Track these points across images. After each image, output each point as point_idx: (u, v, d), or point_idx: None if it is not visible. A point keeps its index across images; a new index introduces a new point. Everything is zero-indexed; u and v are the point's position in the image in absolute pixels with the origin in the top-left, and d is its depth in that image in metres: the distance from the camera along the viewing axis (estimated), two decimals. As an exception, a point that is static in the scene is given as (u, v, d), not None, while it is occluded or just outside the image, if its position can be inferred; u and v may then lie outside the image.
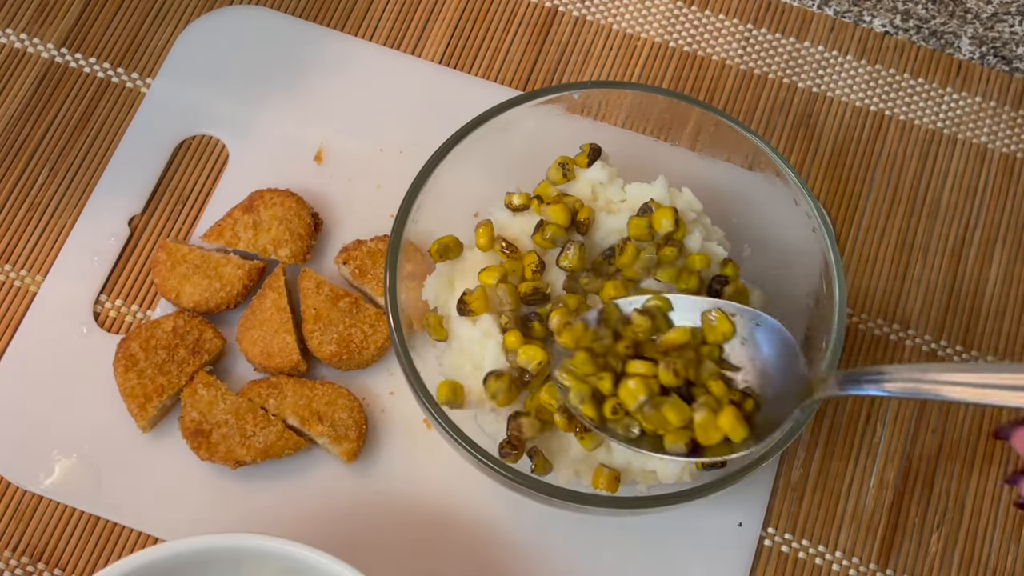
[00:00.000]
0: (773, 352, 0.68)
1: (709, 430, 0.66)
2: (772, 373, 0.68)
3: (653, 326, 0.69)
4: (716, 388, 0.67)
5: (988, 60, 0.91)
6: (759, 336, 0.68)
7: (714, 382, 0.67)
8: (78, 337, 0.80)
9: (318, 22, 0.89)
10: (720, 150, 0.78)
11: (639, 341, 0.69)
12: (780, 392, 0.67)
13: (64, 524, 0.76)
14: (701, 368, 0.68)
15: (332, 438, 0.76)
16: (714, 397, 0.67)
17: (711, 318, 0.69)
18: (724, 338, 0.68)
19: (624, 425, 0.67)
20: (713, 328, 0.68)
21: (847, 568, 0.78)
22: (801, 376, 0.67)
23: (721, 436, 0.66)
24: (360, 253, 0.80)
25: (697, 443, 0.66)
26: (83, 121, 0.86)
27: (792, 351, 0.68)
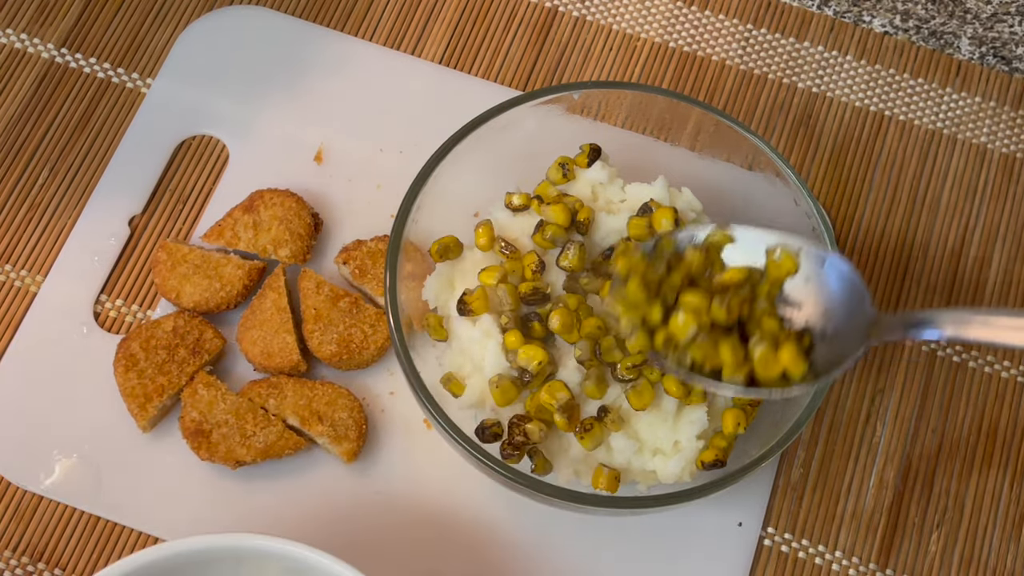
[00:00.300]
0: (837, 291, 0.67)
1: (768, 364, 0.65)
2: (835, 312, 0.67)
3: (707, 261, 0.68)
4: (769, 325, 0.66)
5: (988, 60, 0.91)
6: (824, 274, 0.67)
7: (768, 319, 0.66)
8: (78, 337, 0.80)
9: (318, 22, 0.89)
10: (720, 150, 0.78)
11: (693, 275, 0.68)
12: (842, 331, 0.66)
13: (64, 524, 0.76)
14: (755, 305, 0.67)
15: (332, 438, 0.76)
16: (769, 334, 0.66)
17: (775, 255, 0.68)
18: (787, 275, 0.67)
19: (676, 358, 0.66)
20: (777, 265, 0.67)
21: (847, 568, 0.78)
22: (866, 316, 0.66)
23: (780, 370, 0.65)
24: (360, 253, 0.80)
25: (754, 378, 0.66)
26: (83, 121, 0.86)
27: (858, 291, 0.67)
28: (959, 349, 0.83)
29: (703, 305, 0.66)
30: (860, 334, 0.65)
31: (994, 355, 0.83)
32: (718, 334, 0.66)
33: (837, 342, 0.66)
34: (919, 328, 0.64)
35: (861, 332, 0.65)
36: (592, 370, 0.70)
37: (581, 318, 0.71)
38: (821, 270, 0.67)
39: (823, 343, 0.66)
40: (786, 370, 0.65)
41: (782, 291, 0.67)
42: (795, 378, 0.65)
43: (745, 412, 0.71)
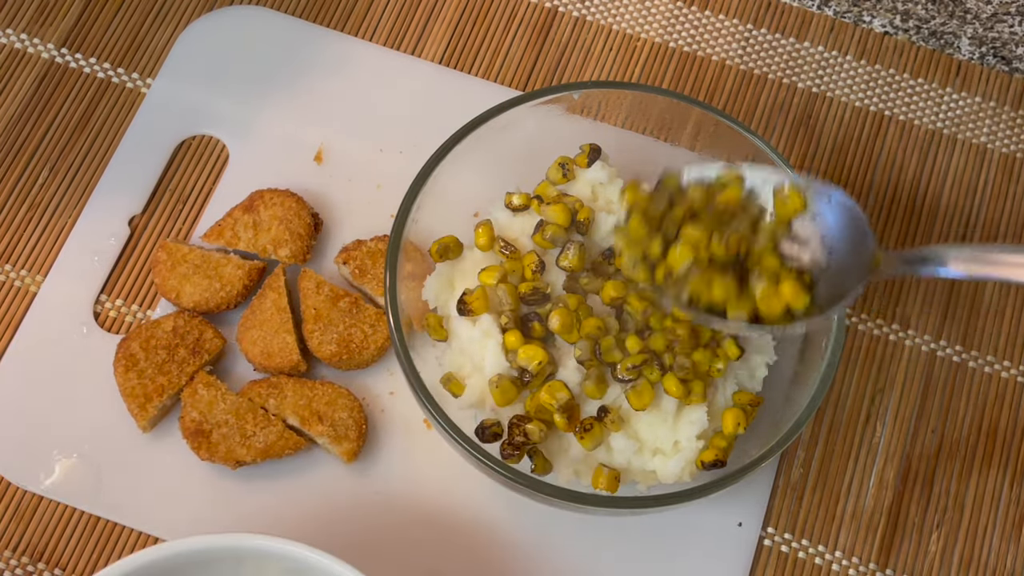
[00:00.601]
0: (841, 227, 0.67)
1: (770, 300, 0.66)
2: (839, 247, 0.67)
3: (708, 196, 0.68)
4: (769, 262, 0.67)
5: (988, 60, 0.91)
6: (829, 210, 0.68)
7: (768, 256, 0.67)
8: (78, 337, 0.80)
9: (318, 22, 0.89)
10: (720, 150, 0.78)
11: (695, 211, 0.68)
12: (845, 267, 0.67)
13: (64, 524, 0.76)
14: (756, 240, 0.67)
15: (332, 438, 0.76)
16: (768, 271, 0.66)
17: (783, 193, 0.68)
18: (795, 213, 0.68)
19: (675, 292, 0.67)
20: (784, 204, 0.68)
21: (847, 568, 0.78)
22: (869, 252, 0.66)
23: (783, 306, 0.66)
24: (360, 253, 0.80)
25: (759, 315, 0.66)
26: (83, 121, 0.86)
27: (861, 227, 0.67)
28: (959, 349, 0.83)
29: (702, 238, 0.67)
30: (862, 269, 0.66)
31: (994, 355, 0.83)
32: (716, 270, 0.67)
33: (840, 278, 0.67)
34: (921, 264, 0.64)
35: (863, 267, 0.66)
36: (592, 370, 0.70)
37: (581, 318, 0.71)
38: (826, 205, 0.68)
39: (826, 278, 0.67)
40: (789, 305, 0.66)
41: (789, 228, 0.68)
42: (798, 312, 0.66)
43: (745, 412, 0.71)
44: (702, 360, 0.70)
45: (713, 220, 0.68)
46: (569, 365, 0.71)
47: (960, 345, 0.83)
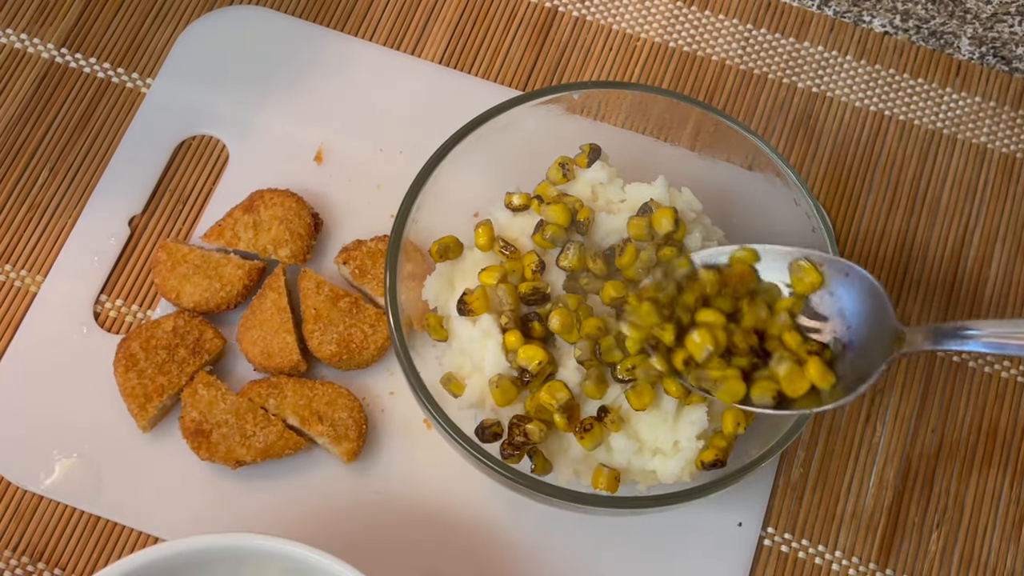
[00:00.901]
0: (861, 302, 0.67)
1: (795, 381, 0.66)
2: (860, 324, 0.67)
3: (722, 278, 0.68)
4: (791, 340, 0.66)
5: (988, 60, 0.91)
6: (847, 286, 0.67)
7: (789, 335, 0.67)
8: (78, 337, 0.80)
9: (318, 22, 0.89)
10: (720, 150, 0.78)
11: (709, 295, 0.69)
12: (868, 343, 0.66)
13: (64, 524, 0.76)
14: (773, 320, 0.67)
15: (332, 438, 0.76)
16: (789, 350, 0.66)
17: (799, 269, 0.68)
18: (812, 289, 0.68)
19: (696, 377, 0.67)
20: (801, 279, 0.68)
21: (847, 568, 0.78)
22: (891, 328, 0.66)
23: (808, 386, 0.66)
24: (360, 253, 0.80)
25: (784, 395, 0.66)
26: (83, 121, 0.86)
27: (881, 302, 0.67)
28: (959, 349, 0.83)
29: (718, 322, 0.67)
30: (885, 346, 0.66)
31: (993, 355, 0.83)
32: (738, 353, 0.67)
33: (863, 355, 0.66)
34: (949, 339, 0.64)
35: (886, 343, 0.66)
36: (592, 370, 0.70)
37: (581, 318, 0.71)
38: (844, 281, 0.68)
39: (849, 356, 0.67)
40: (814, 385, 0.66)
41: (807, 304, 0.68)
42: (824, 392, 0.66)
43: (745, 412, 0.71)
44: None
45: (728, 302, 0.68)
46: (569, 365, 0.70)
47: (961, 345, 0.83)
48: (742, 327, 0.67)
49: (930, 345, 0.65)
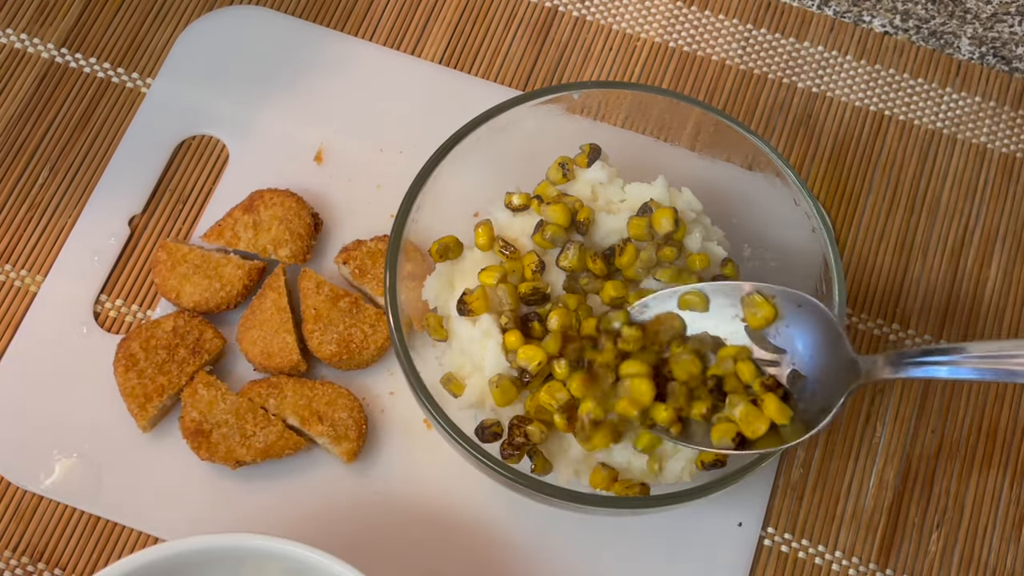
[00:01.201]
0: (815, 333, 0.67)
1: (753, 422, 0.65)
2: (816, 355, 0.66)
3: (645, 335, 0.69)
4: (745, 375, 0.66)
5: (988, 60, 0.91)
6: (801, 317, 0.67)
7: (744, 371, 0.66)
8: (78, 337, 0.80)
9: (318, 22, 0.89)
10: (720, 150, 0.78)
11: (630, 351, 0.69)
12: (826, 375, 0.65)
13: (64, 524, 0.76)
14: (718, 367, 0.67)
15: (332, 438, 0.76)
16: (742, 392, 0.66)
17: (751, 303, 0.68)
18: (766, 323, 0.67)
19: (657, 429, 0.67)
20: (754, 314, 0.68)
21: (847, 568, 0.78)
22: (847, 359, 0.65)
23: (767, 425, 0.65)
24: (360, 253, 0.80)
25: (744, 438, 0.66)
26: (83, 121, 0.86)
27: (835, 333, 0.66)
28: (959, 349, 0.83)
29: (641, 371, 0.67)
30: (842, 379, 0.65)
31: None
32: (692, 398, 0.67)
33: (822, 387, 0.66)
34: (909, 368, 0.63)
35: (843, 376, 0.65)
36: None
37: (581, 318, 0.71)
38: (797, 312, 0.67)
39: (809, 389, 0.66)
40: (773, 422, 0.65)
41: (763, 338, 0.68)
42: (785, 428, 0.65)
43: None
44: None
45: (651, 356, 0.68)
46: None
47: (960, 345, 0.83)
48: (676, 376, 0.67)
49: (890, 374, 0.63)
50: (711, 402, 0.67)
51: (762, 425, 0.66)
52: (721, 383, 0.67)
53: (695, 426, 0.68)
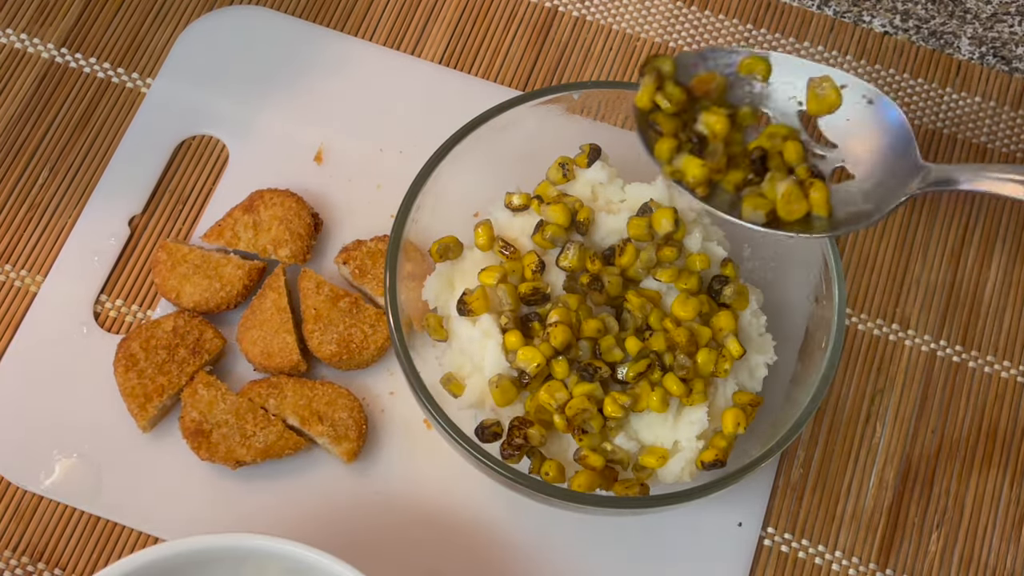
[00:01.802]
0: (881, 135, 0.63)
1: (792, 203, 0.62)
2: (875, 157, 0.63)
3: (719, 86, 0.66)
4: (793, 158, 0.63)
5: (988, 60, 0.91)
6: (867, 115, 0.63)
7: (793, 153, 0.63)
8: (78, 337, 0.80)
9: (318, 22, 0.89)
10: (720, 150, 0.78)
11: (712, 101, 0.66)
12: (885, 178, 0.62)
13: (64, 524, 0.76)
14: (781, 143, 0.63)
15: (332, 438, 0.76)
16: (785, 166, 0.63)
17: (819, 86, 0.64)
18: (830, 110, 0.63)
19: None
20: (818, 98, 0.63)
21: (847, 568, 0.78)
22: (915, 163, 0.62)
23: (805, 210, 0.62)
24: (360, 253, 0.80)
25: (777, 216, 0.63)
26: (83, 121, 0.86)
27: (906, 136, 0.62)
28: (959, 349, 0.83)
29: (720, 126, 0.64)
30: (901, 183, 0.61)
31: (994, 355, 0.83)
32: (735, 164, 0.64)
33: (872, 190, 0.62)
34: (983, 179, 0.60)
35: (904, 181, 0.61)
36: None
37: (581, 318, 0.71)
38: (865, 109, 0.63)
39: (852, 190, 0.62)
40: (812, 212, 0.62)
41: (815, 126, 0.64)
42: (818, 222, 0.62)
43: (745, 412, 0.71)
44: (707, 361, 0.70)
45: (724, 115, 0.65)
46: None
47: (960, 345, 0.83)
48: (712, 131, 0.64)
49: (965, 184, 0.60)
50: (748, 174, 0.64)
51: (801, 208, 0.62)
52: (765, 158, 0.64)
53: (723, 195, 0.64)
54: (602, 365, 0.69)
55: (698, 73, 0.66)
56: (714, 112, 0.65)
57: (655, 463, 0.69)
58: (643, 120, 0.66)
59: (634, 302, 0.71)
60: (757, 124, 0.65)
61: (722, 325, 0.71)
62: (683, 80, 0.66)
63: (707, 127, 0.64)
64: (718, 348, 0.71)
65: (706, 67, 0.67)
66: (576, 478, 0.69)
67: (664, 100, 0.65)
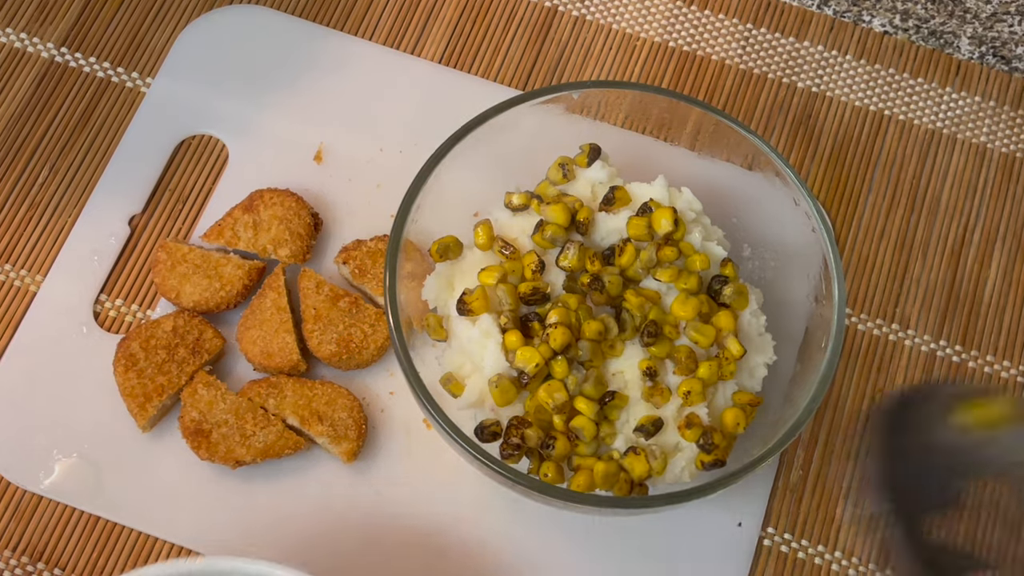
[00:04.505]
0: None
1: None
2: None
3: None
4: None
5: (987, 60, 0.91)
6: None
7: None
8: (78, 337, 0.80)
9: (318, 22, 0.89)
10: (720, 150, 0.78)
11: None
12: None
13: (64, 524, 0.76)
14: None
15: (332, 438, 0.76)
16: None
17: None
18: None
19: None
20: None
21: (846, 568, 0.78)
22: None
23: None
24: (360, 253, 0.80)
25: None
26: (83, 121, 0.86)
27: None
28: (959, 349, 0.83)
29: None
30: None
31: (994, 355, 0.83)
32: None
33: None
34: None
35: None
36: (591, 371, 0.70)
37: (581, 318, 0.71)
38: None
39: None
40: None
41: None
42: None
43: (745, 412, 0.71)
44: (710, 375, 0.70)
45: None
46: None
47: (960, 345, 0.83)
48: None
49: None
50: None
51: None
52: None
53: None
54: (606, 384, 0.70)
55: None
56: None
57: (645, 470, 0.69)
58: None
59: (633, 302, 0.71)
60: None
61: (722, 325, 0.71)
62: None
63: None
64: (719, 352, 0.71)
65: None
66: (575, 478, 0.69)
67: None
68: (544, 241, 0.73)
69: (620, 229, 0.74)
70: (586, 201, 0.75)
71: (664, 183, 0.75)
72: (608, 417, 0.70)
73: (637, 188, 0.75)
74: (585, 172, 0.76)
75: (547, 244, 0.73)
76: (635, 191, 0.75)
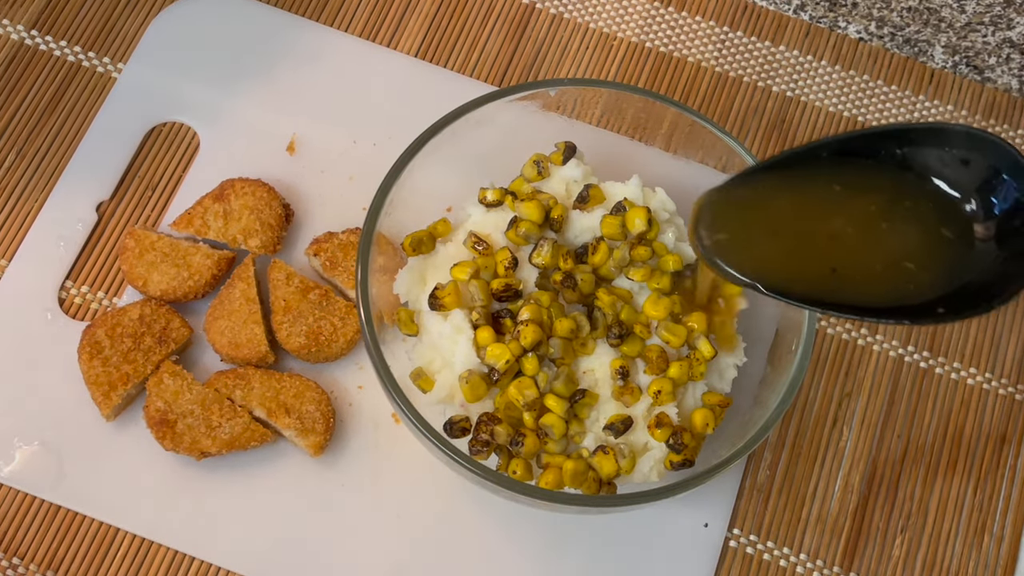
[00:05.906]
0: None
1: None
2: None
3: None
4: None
5: (960, 69, 0.91)
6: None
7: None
8: (42, 323, 0.79)
9: (293, 11, 0.88)
10: (694, 151, 0.78)
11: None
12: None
13: (24, 513, 0.75)
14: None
15: (299, 431, 0.75)
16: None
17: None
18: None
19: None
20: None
21: (811, 570, 0.78)
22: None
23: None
24: (331, 245, 0.80)
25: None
26: (52, 105, 0.85)
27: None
28: (926, 355, 0.83)
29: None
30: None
31: (960, 362, 0.83)
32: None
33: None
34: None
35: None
36: (562, 369, 0.70)
37: (553, 315, 0.70)
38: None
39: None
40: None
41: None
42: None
43: (714, 413, 0.71)
44: (680, 375, 0.70)
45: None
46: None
47: (927, 351, 0.84)
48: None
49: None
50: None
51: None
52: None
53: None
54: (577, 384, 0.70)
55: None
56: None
57: (614, 469, 0.69)
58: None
59: (605, 300, 0.71)
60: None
61: (694, 325, 0.71)
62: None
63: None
64: (690, 353, 0.71)
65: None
66: (544, 476, 0.69)
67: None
68: (518, 238, 0.73)
69: (594, 228, 0.74)
70: (560, 199, 0.75)
71: (638, 183, 0.75)
72: (578, 415, 0.70)
73: (611, 187, 0.75)
74: (560, 170, 0.76)
75: (521, 241, 0.73)
76: (609, 190, 0.75)
